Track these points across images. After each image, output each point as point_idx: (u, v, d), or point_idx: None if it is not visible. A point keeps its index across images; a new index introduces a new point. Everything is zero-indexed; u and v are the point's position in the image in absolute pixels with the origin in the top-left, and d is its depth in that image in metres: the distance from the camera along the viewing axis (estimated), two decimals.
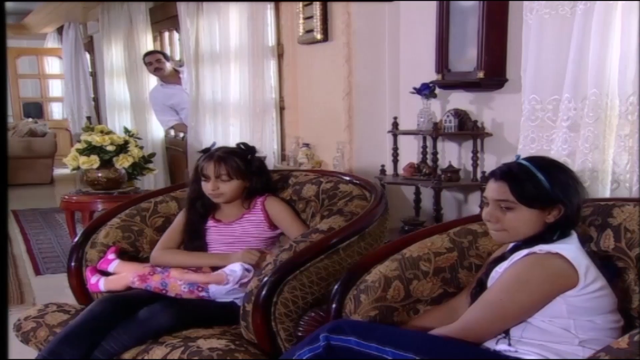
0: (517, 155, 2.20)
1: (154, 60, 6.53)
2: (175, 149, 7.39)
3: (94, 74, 11.74)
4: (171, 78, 6.63)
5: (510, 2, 3.26)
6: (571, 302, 1.93)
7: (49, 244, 6.37)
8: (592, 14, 2.50)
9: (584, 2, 2.52)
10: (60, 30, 12.45)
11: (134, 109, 8.26)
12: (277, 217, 2.99)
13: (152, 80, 8.09)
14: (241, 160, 3.00)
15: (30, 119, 12.13)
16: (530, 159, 2.14)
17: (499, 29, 3.27)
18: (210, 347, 2.42)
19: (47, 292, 4.94)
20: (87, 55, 11.71)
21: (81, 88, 11.55)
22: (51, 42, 13.16)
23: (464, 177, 3.54)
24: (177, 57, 7.61)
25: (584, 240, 2.12)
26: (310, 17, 4.48)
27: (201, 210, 3.06)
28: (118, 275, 2.96)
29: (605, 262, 2.08)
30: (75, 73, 11.49)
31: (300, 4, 4.59)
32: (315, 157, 4.64)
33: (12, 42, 12.58)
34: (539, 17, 2.67)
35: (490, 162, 3.43)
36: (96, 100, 11.71)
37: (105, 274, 3.00)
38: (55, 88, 13.46)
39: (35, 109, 13.34)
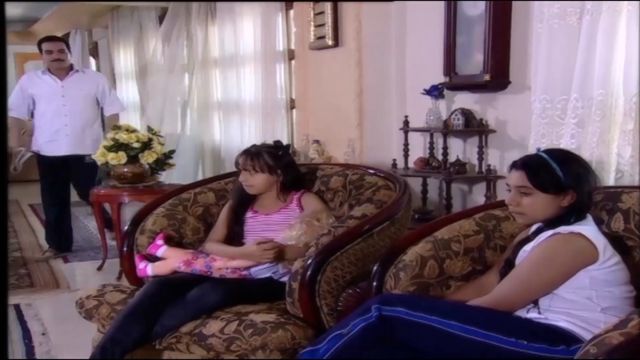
0: (537, 148, 2.33)
1: (56, 50, 5.37)
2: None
3: None
4: (60, 72, 5.42)
5: (513, 11, 3.37)
6: (593, 275, 2.06)
7: None
8: (597, 24, 2.61)
9: (590, 14, 2.64)
10: (66, 37, 12.44)
11: (143, 109, 8.32)
12: (311, 210, 3.06)
13: (160, 81, 8.16)
14: (270, 156, 3.10)
15: None
16: (547, 151, 2.27)
17: (503, 35, 3.38)
18: (262, 320, 2.53)
19: (77, 277, 5.05)
20: (92, 60, 11.70)
21: None
22: None
23: (469, 170, 3.66)
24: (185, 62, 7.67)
25: (597, 223, 2.24)
26: (322, 25, 4.58)
27: (242, 200, 3.17)
28: (164, 260, 3.04)
29: (616, 241, 2.19)
30: None
31: (312, 13, 4.68)
32: (325, 152, 4.74)
33: (20, 48, 12.50)
34: (549, 27, 2.78)
35: (494, 157, 3.54)
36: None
37: (153, 258, 3.10)
38: None
39: None
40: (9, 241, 6.19)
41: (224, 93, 6.08)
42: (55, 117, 5.38)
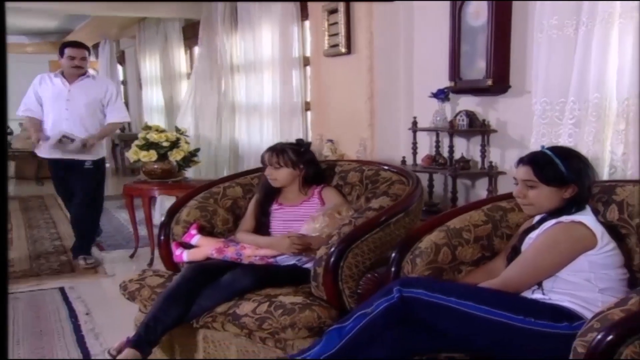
0: (542, 145, 2.38)
1: (79, 57, 4.94)
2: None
3: (125, 83, 11.80)
4: (73, 76, 4.97)
5: (512, 22, 3.41)
6: (591, 260, 2.11)
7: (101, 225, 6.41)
8: (592, 35, 2.63)
9: (585, 25, 2.67)
10: (95, 46, 12.50)
11: (167, 111, 8.38)
12: (331, 203, 3.11)
13: (185, 87, 8.20)
14: (293, 152, 3.16)
15: None
16: (551, 148, 2.32)
17: (504, 44, 3.41)
18: (291, 302, 2.58)
19: (113, 264, 5.10)
20: (120, 67, 11.77)
21: None
22: None
23: (473, 167, 3.70)
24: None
25: (595, 213, 2.29)
26: (335, 34, 4.62)
27: (268, 194, 3.23)
28: (198, 248, 3.10)
29: (612, 230, 2.23)
30: None
31: (326, 24, 4.72)
32: (338, 150, 4.78)
33: (54, 57, 12.59)
34: (548, 37, 2.81)
35: (495, 154, 3.58)
36: (126, 104, 11.76)
37: (188, 245, 3.15)
38: None
39: None
40: (49, 231, 6.26)
41: (246, 96, 6.12)
42: (57, 121, 4.92)
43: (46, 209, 7.54)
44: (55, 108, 4.94)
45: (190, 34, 7.84)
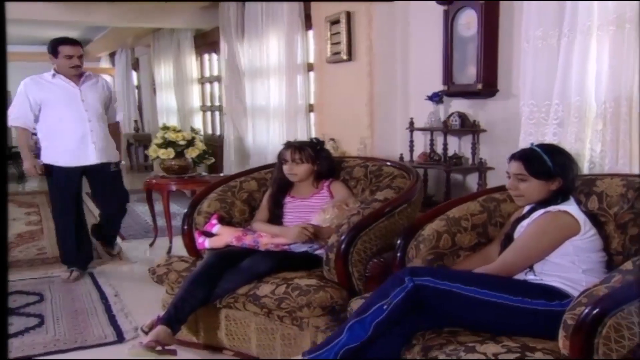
0: (531, 143, 2.45)
1: (77, 55, 4.22)
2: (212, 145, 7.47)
3: (139, 88, 11.83)
4: (73, 77, 4.29)
5: (499, 33, 3.48)
6: (575, 244, 2.18)
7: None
8: (573, 45, 2.69)
9: (567, 36, 2.73)
10: (112, 54, 12.55)
11: (179, 114, 8.43)
12: (339, 196, 3.18)
13: (196, 91, 8.25)
14: (311, 149, 3.23)
15: None
16: (540, 145, 2.39)
17: (492, 52, 3.46)
18: (306, 284, 2.65)
19: (134, 252, 5.14)
20: (134, 73, 11.80)
21: (130, 98, 11.67)
22: (104, 63, 13.22)
23: (464, 163, 3.76)
24: (216, 74, 7.75)
25: (578, 203, 2.36)
26: (337, 43, 4.67)
27: (281, 187, 3.29)
28: (218, 236, 3.16)
29: (593, 218, 2.31)
30: (125, 87, 11.62)
31: (328, 33, 4.78)
32: (339, 148, 4.84)
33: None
34: (534, 46, 2.87)
35: (484, 151, 3.64)
36: (140, 107, 11.80)
37: (209, 234, 3.21)
38: None
39: None
40: None
41: (252, 99, 6.17)
42: (78, 124, 4.24)
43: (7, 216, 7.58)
44: (72, 110, 4.23)
45: (201, 42, 7.89)
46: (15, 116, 4.18)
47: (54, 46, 4.21)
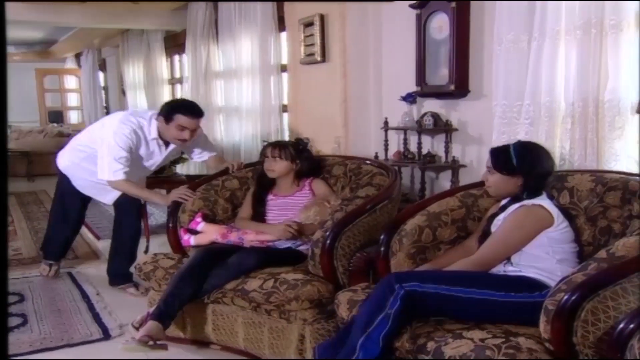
0: (517, 140, 2.57)
1: (192, 129, 3.58)
2: None
3: (106, 89, 11.73)
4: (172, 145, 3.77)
5: (471, 35, 3.59)
6: (550, 236, 2.29)
7: (95, 217, 6.37)
8: (542, 48, 2.81)
9: (536, 40, 2.85)
10: (77, 55, 12.42)
11: None
12: (321, 194, 3.26)
13: (167, 91, 8.22)
14: (292, 148, 3.30)
15: (55, 124, 12.09)
16: (516, 143, 2.50)
17: (464, 55, 3.57)
18: (293, 278, 2.71)
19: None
20: (101, 74, 11.69)
21: (96, 99, 11.56)
22: (69, 64, 13.08)
23: (438, 161, 3.86)
24: (186, 74, 7.73)
25: (550, 198, 2.48)
26: (311, 45, 4.74)
27: (264, 185, 3.35)
28: (203, 233, 3.20)
29: (564, 211, 2.42)
30: (92, 88, 11.50)
31: (302, 35, 4.85)
32: (314, 147, 4.90)
33: (40, 65, 12.64)
34: (506, 49, 2.99)
35: (457, 150, 3.74)
36: (107, 108, 11.70)
37: (194, 232, 3.25)
38: (72, 99, 13.36)
39: (56, 116, 13.21)
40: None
41: (226, 100, 6.20)
42: (132, 177, 3.70)
43: (41, 203, 7.48)
44: (139, 167, 3.80)
45: (171, 43, 7.87)
46: (117, 168, 3.57)
47: (171, 111, 3.57)
